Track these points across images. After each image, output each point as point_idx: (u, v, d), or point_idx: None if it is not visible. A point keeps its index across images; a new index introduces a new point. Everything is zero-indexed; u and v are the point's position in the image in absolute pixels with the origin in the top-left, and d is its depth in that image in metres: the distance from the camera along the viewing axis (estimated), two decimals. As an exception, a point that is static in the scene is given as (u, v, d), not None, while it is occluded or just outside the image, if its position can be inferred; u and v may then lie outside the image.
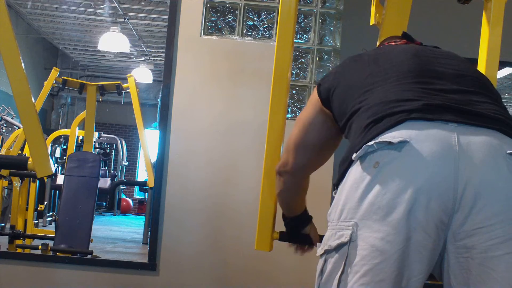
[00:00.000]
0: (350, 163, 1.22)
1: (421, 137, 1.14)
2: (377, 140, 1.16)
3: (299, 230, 1.78)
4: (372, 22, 2.20)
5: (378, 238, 1.12)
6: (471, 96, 1.26)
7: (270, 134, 1.81)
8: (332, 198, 1.27)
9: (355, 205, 1.16)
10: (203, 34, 3.02)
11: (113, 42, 7.78)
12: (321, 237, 1.86)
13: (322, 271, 1.23)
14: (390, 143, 1.14)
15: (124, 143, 10.90)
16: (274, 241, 1.84)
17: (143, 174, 11.72)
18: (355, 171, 1.19)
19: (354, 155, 1.20)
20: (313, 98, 1.49)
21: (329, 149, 1.59)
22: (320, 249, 1.25)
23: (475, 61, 1.93)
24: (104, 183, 7.92)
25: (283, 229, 1.80)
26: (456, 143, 1.14)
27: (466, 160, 1.12)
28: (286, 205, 1.73)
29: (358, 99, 1.31)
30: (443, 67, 1.33)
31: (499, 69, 1.92)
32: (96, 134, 6.72)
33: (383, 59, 1.39)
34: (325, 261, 1.22)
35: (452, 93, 1.26)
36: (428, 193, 1.11)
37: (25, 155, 5.01)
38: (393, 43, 1.55)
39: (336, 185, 1.27)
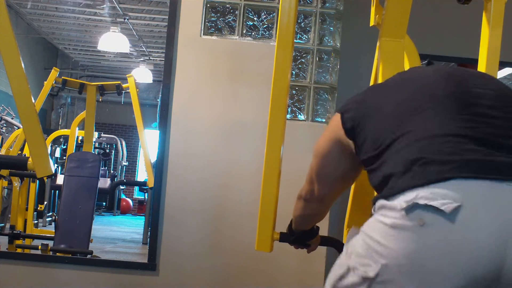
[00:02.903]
0: (389, 197, 1.17)
1: (472, 203, 1.09)
2: (428, 201, 1.10)
3: (304, 241, 1.80)
4: (372, 23, 2.19)
5: None
6: None
7: (270, 134, 1.81)
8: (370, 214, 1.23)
9: (388, 250, 1.12)
10: (203, 34, 3.01)
11: (113, 42, 7.78)
12: (326, 238, 1.88)
13: (342, 277, 1.23)
14: (441, 210, 1.08)
15: (124, 143, 10.89)
16: (275, 242, 1.84)
17: (143, 174, 11.71)
18: (395, 215, 1.14)
19: (399, 205, 1.13)
20: (334, 126, 1.41)
21: (350, 178, 1.55)
22: (344, 256, 1.24)
23: (475, 61, 1.93)
24: (104, 183, 7.89)
25: (283, 229, 1.80)
26: (508, 217, 1.08)
27: None
28: (303, 224, 1.73)
29: (392, 133, 1.24)
30: (479, 87, 1.28)
31: (499, 69, 1.92)
32: (96, 134, 6.71)
33: (411, 83, 1.33)
34: (348, 270, 1.21)
35: (495, 118, 1.22)
36: (473, 271, 1.07)
37: (25, 155, 5.01)
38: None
39: (374, 202, 1.22)
